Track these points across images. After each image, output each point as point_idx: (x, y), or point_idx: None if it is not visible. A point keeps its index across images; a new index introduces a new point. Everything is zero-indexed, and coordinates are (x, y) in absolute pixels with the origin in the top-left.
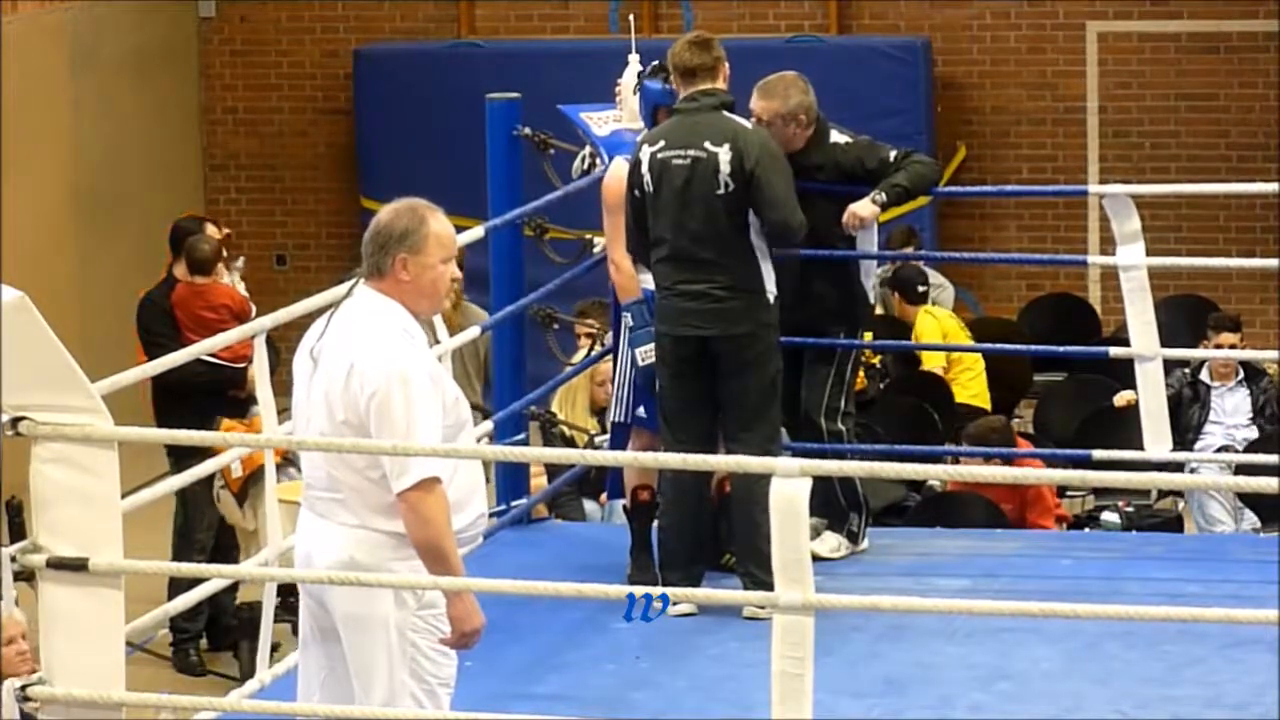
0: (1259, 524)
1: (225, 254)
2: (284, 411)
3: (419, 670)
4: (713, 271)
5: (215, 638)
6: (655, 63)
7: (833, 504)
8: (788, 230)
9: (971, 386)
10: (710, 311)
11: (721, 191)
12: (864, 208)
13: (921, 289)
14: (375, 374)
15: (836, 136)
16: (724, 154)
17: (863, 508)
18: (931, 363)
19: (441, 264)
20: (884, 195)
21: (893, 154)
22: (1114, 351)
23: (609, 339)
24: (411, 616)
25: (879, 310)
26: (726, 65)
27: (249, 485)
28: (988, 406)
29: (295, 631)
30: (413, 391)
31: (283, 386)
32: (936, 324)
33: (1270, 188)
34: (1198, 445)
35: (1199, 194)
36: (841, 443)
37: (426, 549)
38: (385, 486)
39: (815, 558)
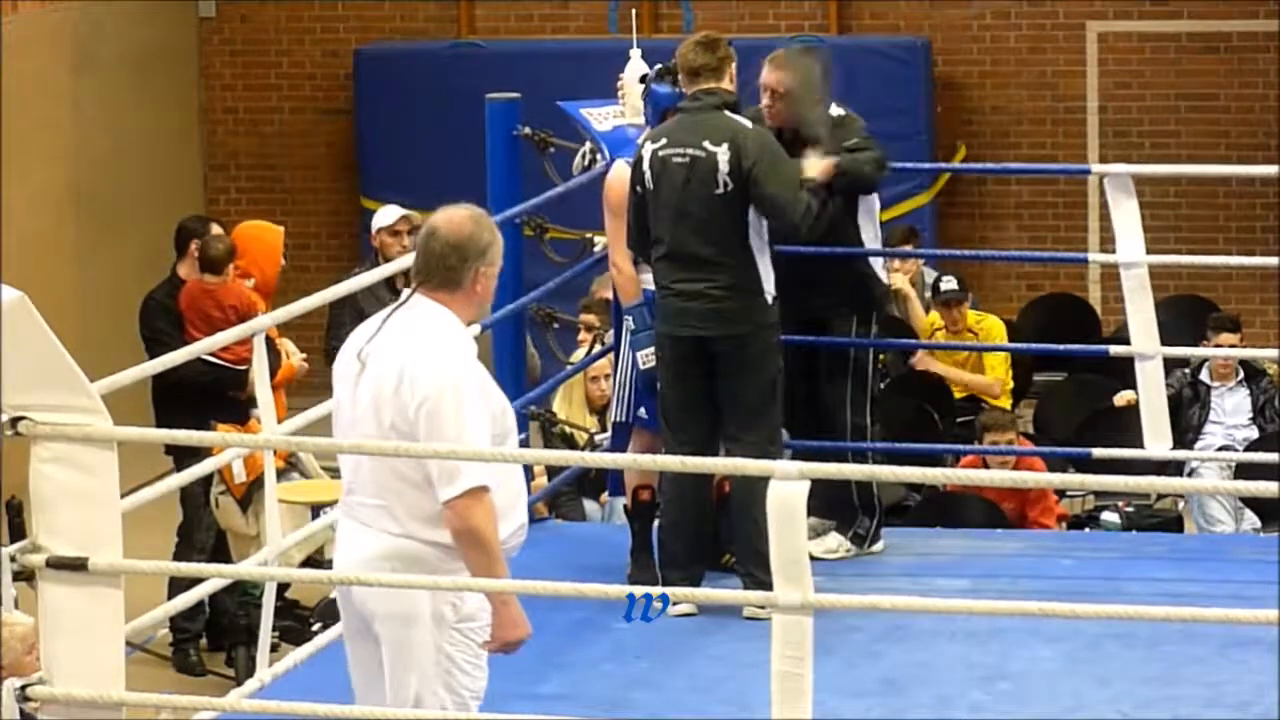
0: (1259, 524)
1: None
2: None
3: (453, 682)
4: (711, 271)
5: (215, 638)
6: (660, 66)
7: (845, 505)
8: (787, 226)
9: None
10: (708, 311)
11: (720, 191)
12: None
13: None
14: (427, 381)
15: (835, 110)
16: (723, 153)
17: (876, 510)
18: (997, 372)
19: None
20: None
21: (853, 141)
22: (1114, 349)
23: (609, 337)
24: (449, 630)
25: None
26: (734, 67)
27: (253, 490)
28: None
29: (288, 635)
30: (464, 401)
31: (309, 389)
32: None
33: (1271, 170)
34: (1198, 445)
35: (1201, 175)
36: (863, 438)
37: (474, 558)
38: (430, 493)
39: (811, 558)
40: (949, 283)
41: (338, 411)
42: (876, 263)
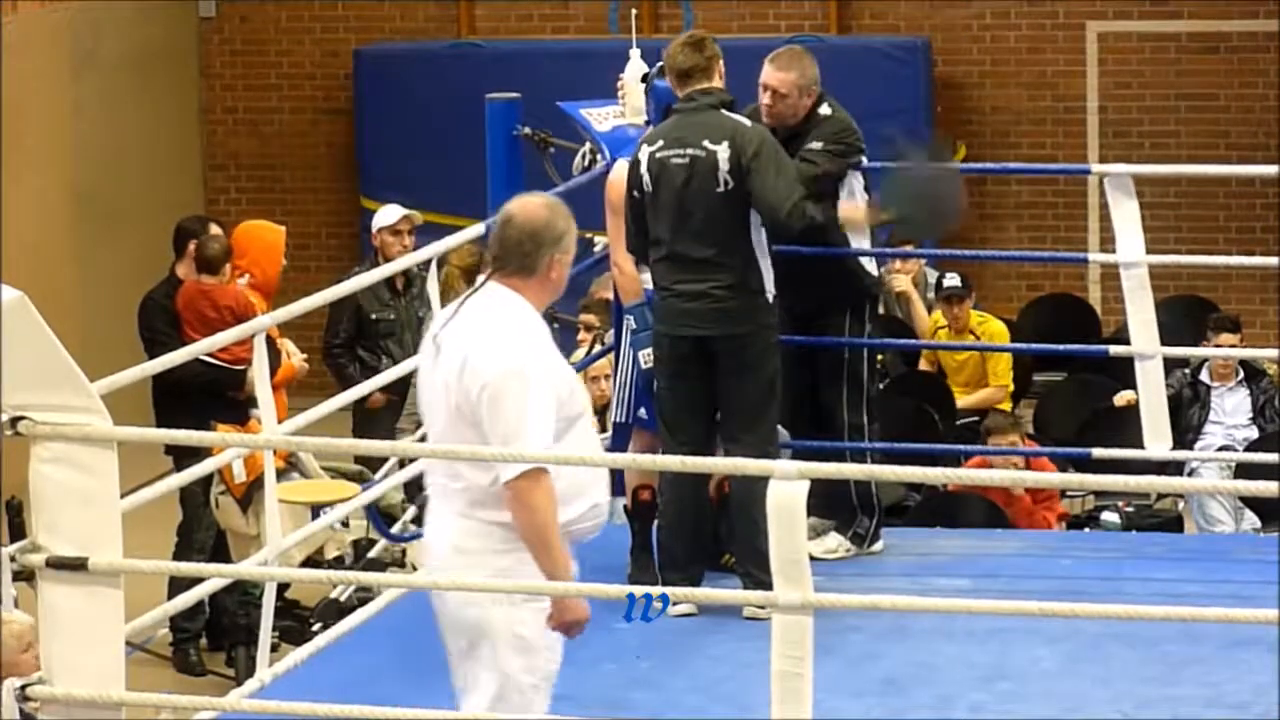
0: (1259, 524)
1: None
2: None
3: (525, 662)
4: (712, 271)
5: (215, 638)
6: (662, 63)
7: (844, 504)
8: (778, 222)
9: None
10: (709, 311)
11: (721, 189)
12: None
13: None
14: (489, 367)
15: (825, 109)
16: (723, 152)
17: (875, 510)
18: (1002, 379)
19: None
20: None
21: (817, 144)
22: (1114, 349)
23: (609, 337)
24: (518, 609)
25: (880, 310)
26: (722, 64)
27: (253, 490)
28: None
29: (288, 635)
30: (527, 387)
31: (309, 389)
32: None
33: (1271, 170)
34: (1198, 445)
35: (1201, 175)
36: (861, 437)
37: (532, 539)
38: (491, 473)
39: (811, 558)
40: (952, 279)
41: (419, 395)
42: (867, 260)
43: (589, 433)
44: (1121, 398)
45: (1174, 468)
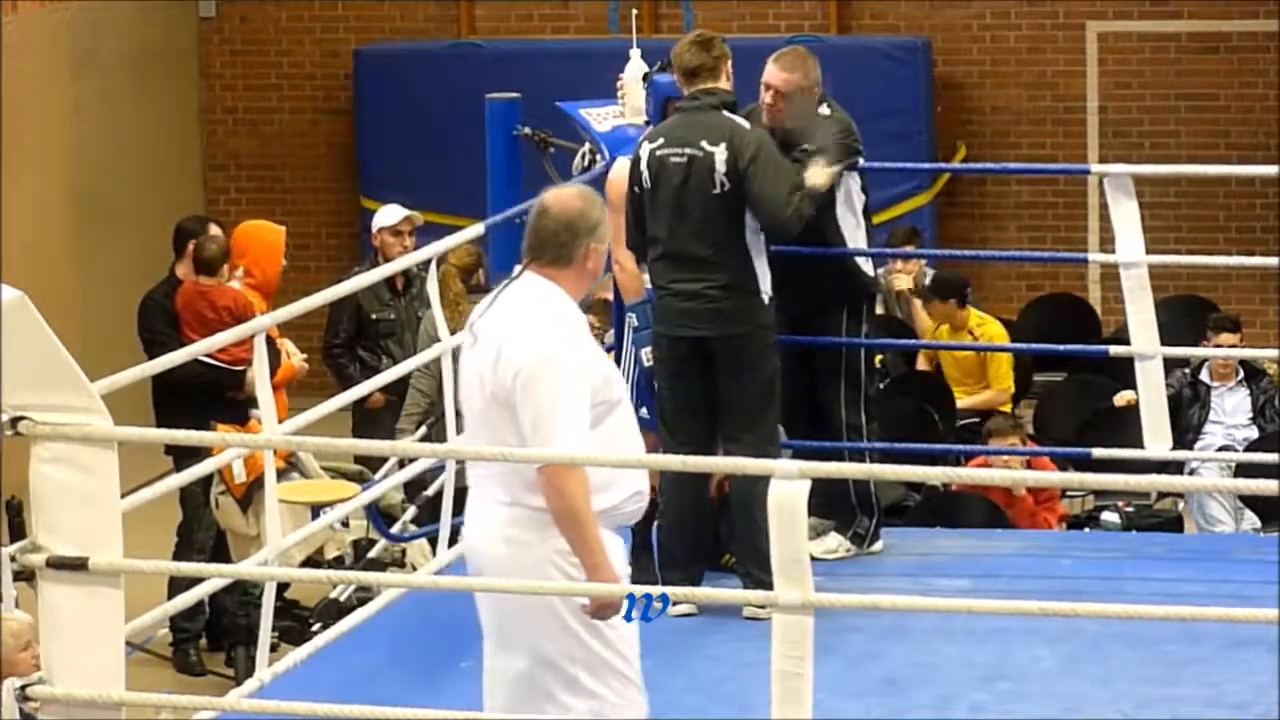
0: (1259, 524)
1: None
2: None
3: (605, 638)
4: (708, 271)
5: (215, 638)
6: (663, 60)
7: (844, 504)
8: (777, 226)
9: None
10: (705, 311)
11: (717, 191)
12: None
13: (967, 289)
14: (521, 355)
15: (824, 109)
16: (720, 153)
17: (874, 510)
18: (1004, 381)
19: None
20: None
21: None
22: (1114, 350)
23: (609, 337)
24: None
25: (880, 310)
26: (729, 64)
27: (253, 490)
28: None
29: (288, 635)
30: (559, 375)
31: (309, 389)
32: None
33: (1271, 170)
34: (1198, 445)
35: (1201, 175)
36: (860, 437)
37: (566, 524)
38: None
39: (811, 558)
40: (925, 279)
41: (460, 384)
42: (863, 261)
43: (629, 419)
44: (1121, 398)
45: (1174, 468)
